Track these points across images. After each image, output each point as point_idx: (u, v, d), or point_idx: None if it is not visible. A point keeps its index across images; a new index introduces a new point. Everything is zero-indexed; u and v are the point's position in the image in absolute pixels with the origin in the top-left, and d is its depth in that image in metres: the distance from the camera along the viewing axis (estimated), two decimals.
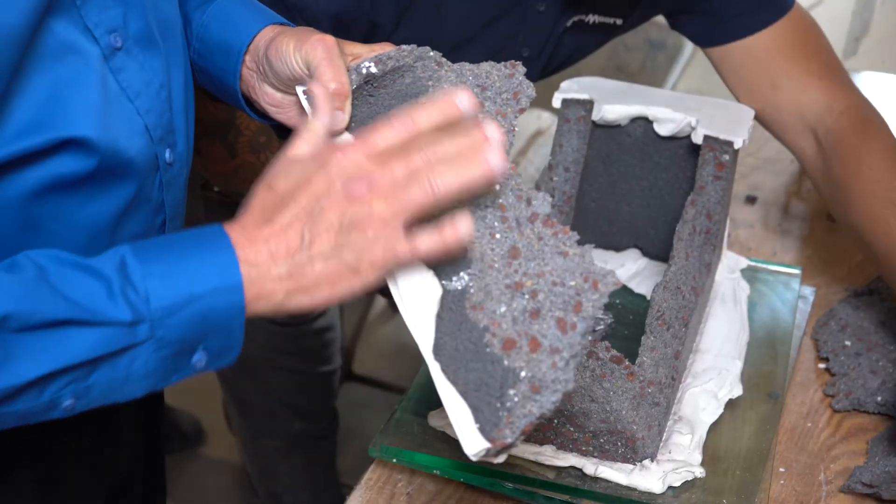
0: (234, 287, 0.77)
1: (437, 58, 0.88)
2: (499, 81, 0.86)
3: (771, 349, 1.22)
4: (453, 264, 0.80)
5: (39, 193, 0.86)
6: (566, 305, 0.77)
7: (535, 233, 0.81)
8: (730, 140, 1.20)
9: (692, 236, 1.18)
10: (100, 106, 0.87)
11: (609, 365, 1.03)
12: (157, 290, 0.76)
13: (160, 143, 0.95)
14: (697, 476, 1.04)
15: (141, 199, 0.94)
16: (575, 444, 1.05)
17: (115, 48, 0.89)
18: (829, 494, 1.09)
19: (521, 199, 0.82)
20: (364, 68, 0.88)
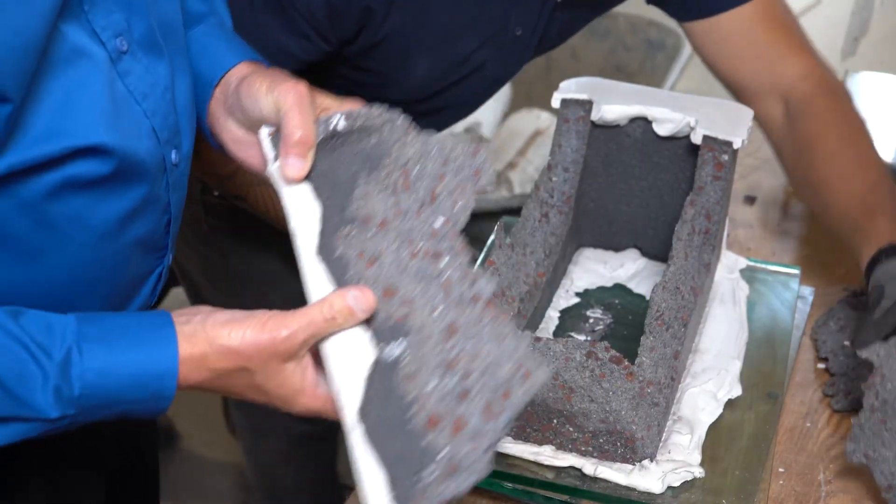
0: (163, 398, 0.83)
1: (405, 124, 0.88)
2: (462, 156, 0.87)
3: (770, 349, 1.22)
4: (391, 330, 0.81)
5: (55, 194, 0.87)
6: (496, 391, 0.77)
7: (476, 314, 0.81)
8: (729, 140, 1.20)
9: (691, 236, 1.18)
10: (110, 110, 0.88)
11: (608, 365, 1.03)
12: (90, 387, 0.81)
13: (167, 145, 0.96)
14: (697, 476, 1.04)
15: (150, 200, 0.95)
16: (574, 444, 1.05)
17: (121, 52, 0.90)
18: (828, 494, 1.09)
19: (466, 278, 0.82)
20: (332, 122, 0.88)
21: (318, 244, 0.85)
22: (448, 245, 0.84)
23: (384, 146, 0.88)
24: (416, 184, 0.86)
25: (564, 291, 1.28)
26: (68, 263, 0.91)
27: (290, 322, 0.83)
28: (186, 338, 0.84)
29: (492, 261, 1.11)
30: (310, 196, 0.86)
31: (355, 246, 0.85)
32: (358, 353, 0.81)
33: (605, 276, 1.31)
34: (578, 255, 1.34)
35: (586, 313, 1.26)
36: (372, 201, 0.86)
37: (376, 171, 0.87)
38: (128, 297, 1.00)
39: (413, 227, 0.85)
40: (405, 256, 0.84)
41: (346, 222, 0.86)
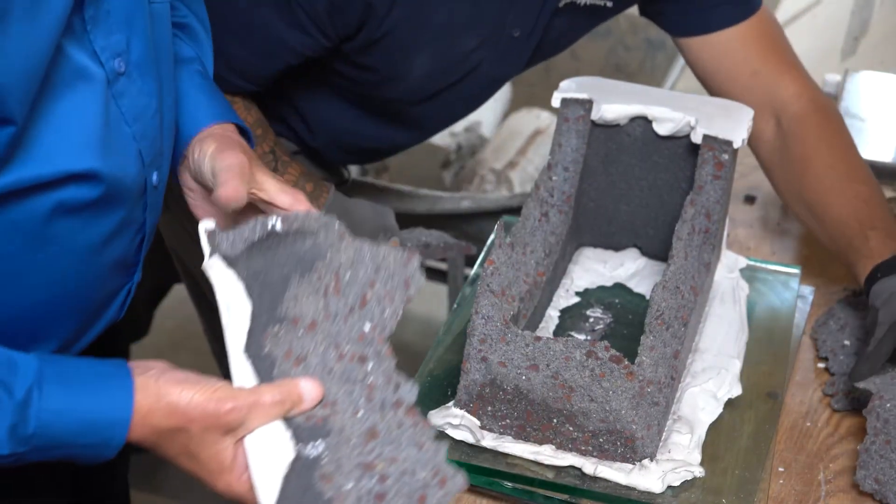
0: (110, 447, 0.85)
1: (340, 230, 0.90)
2: (394, 265, 0.89)
3: (770, 348, 1.22)
4: (312, 430, 0.83)
5: (46, 217, 0.88)
6: (411, 495, 0.80)
7: (397, 419, 0.83)
8: (729, 139, 1.20)
9: (691, 236, 1.18)
10: (103, 135, 0.89)
11: (608, 364, 1.03)
12: (44, 426, 0.82)
13: (150, 167, 0.96)
14: (696, 476, 1.04)
15: (128, 221, 0.96)
16: (574, 443, 1.05)
17: (118, 73, 0.91)
18: (828, 494, 1.09)
19: (390, 384, 0.85)
20: (269, 223, 0.90)
21: (245, 342, 0.87)
22: (374, 350, 0.87)
23: (318, 250, 0.89)
24: (347, 289, 0.88)
25: (564, 291, 1.28)
26: (49, 284, 0.92)
27: (238, 396, 0.85)
28: (139, 389, 0.85)
29: (491, 260, 1.11)
30: (242, 294, 0.88)
31: (283, 345, 0.87)
32: (278, 451, 0.83)
33: (605, 275, 1.31)
34: (578, 254, 1.34)
35: (586, 313, 1.26)
36: (302, 303, 0.88)
37: (309, 274, 0.89)
38: (97, 314, 1.01)
39: (341, 330, 0.87)
40: (331, 358, 0.87)
41: (276, 322, 0.88)
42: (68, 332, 0.98)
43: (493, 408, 1.07)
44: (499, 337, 1.06)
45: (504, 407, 1.06)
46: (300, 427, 0.84)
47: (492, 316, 1.07)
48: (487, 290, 1.09)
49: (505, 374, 1.05)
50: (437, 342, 1.20)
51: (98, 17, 0.88)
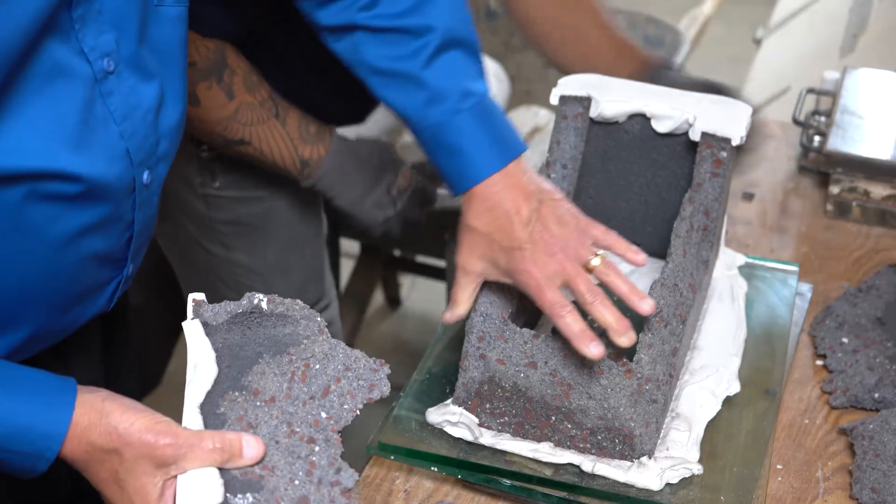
0: (42, 459, 0.85)
1: (321, 325, 0.94)
2: (363, 369, 0.93)
3: (768, 346, 1.22)
4: (245, 484, 0.86)
5: (18, 206, 0.87)
6: None
7: (331, 495, 0.86)
8: (727, 137, 1.20)
9: (690, 233, 1.18)
10: (80, 134, 0.89)
11: (607, 362, 1.03)
12: None
13: (140, 166, 0.96)
14: (695, 473, 1.04)
15: (113, 218, 0.96)
16: (572, 440, 1.05)
17: (107, 72, 0.91)
18: (826, 491, 1.09)
19: (332, 466, 0.88)
20: (256, 300, 0.93)
21: (203, 399, 0.90)
22: (325, 436, 0.89)
23: (296, 338, 0.93)
24: (313, 379, 0.92)
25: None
26: (21, 272, 0.92)
27: (178, 433, 0.86)
28: (81, 404, 0.86)
29: None
30: (211, 361, 0.91)
31: (237, 410, 0.90)
32: (207, 494, 0.85)
33: None
34: None
35: None
36: (267, 379, 0.91)
37: (280, 356, 0.92)
38: (81, 305, 1.01)
39: (297, 412, 0.90)
40: (282, 433, 0.89)
41: (237, 389, 0.91)
42: (46, 319, 0.97)
43: (491, 405, 1.07)
44: (497, 334, 1.06)
45: (502, 404, 1.06)
46: (234, 479, 0.86)
47: (490, 313, 1.07)
48: (486, 288, 1.09)
49: (503, 372, 1.05)
50: (436, 339, 1.21)
51: (87, 16, 0.88)
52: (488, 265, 1.08)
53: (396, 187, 1.50)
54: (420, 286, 2.94)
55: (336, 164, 1.45)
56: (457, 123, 1.08)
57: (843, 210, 1.53)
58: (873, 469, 1.09)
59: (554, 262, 1.04)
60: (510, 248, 1.06)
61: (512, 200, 1.06)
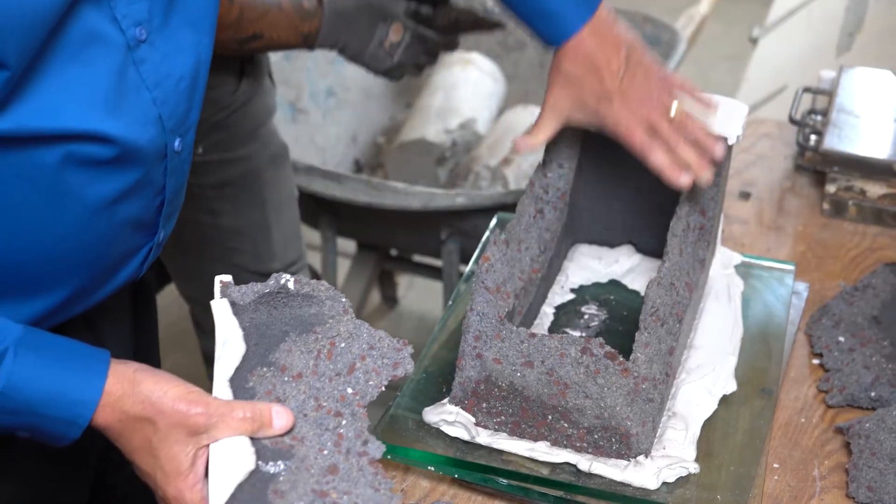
0: (74, 425, 0.87)
1: (346, 305, 0.96)
2: (387, 348, 0.94)
3: (765, 345, 1.22)
4: (276, 452, 0.87)
5: (56, 168, 0.90)
6: None
7: (359, 464, 0.88)
8: (724, 136, 1.20)
9: (686, 232, 1.18)
10: (115, 98, 0.91)
11: (603, 361, 1.03)
12: (12, 391, 0.84)
13: (172, 133, 0.98)
14: (691, 472, 1.04)
15: (145, 182, 0.97)
16: (569, 440, 1.05)
17: (139, 40, 0.93)
18: (823, 490, 1.09)
19: (359, 438, 0.89)
20: (283, 280, 0.95)
21: (232, 374, 0.92)
22: (351, 410, 0.91)
23: (321, 317, 0.95)
24: (338, 357, 0.94)
25: (559, 287, 1.28)
26: (58, 235, 0.93)
27: (210, 402, 0.87)
28: (114, 375, 0.88)
29: (487, 256, 1.11)
30: (239, 338, 0.93)
31: (266, 385, 0.92)
32: (239, 461, 0.86)
33: (600, 271, 1.31)
34: (573, 251, 1.34)
35: (581, 309, 1.26)
36: (294, 357, 0.93)
37: (306, 335, 0.95)
38: (114, 270, 1.02)
39: (324, 387, 0.92)
40: (309, 407, 0.91)
41: (265, 365, 0.93)
42: (80, 284, 0.99)
43: (488, 404, 1.07)
44: (494, 334, 1.06)
45: (499, 404, 1.06)
46: (265, 447, 0.88)
47: (487, 313, 1.07)
48: (482, 287, 1.09)
49: (500, 371, 1.05)
50: (432, 339, 1.21)
51: None
52: (575, 107, 1.18)
53: (388, 41, 1.58)
54: (417, 285, 2.94)
55: (330, 30, 1.55)
56: None
57: (839, 209, 1.53)
58: (869, 468, 1.09)
59: (642, 110, 1.15)
60: (600, 97, 1.16)
61: (603, 53, 1.15)
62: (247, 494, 0.84)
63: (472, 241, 2.01)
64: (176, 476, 0.87)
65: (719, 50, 4.38)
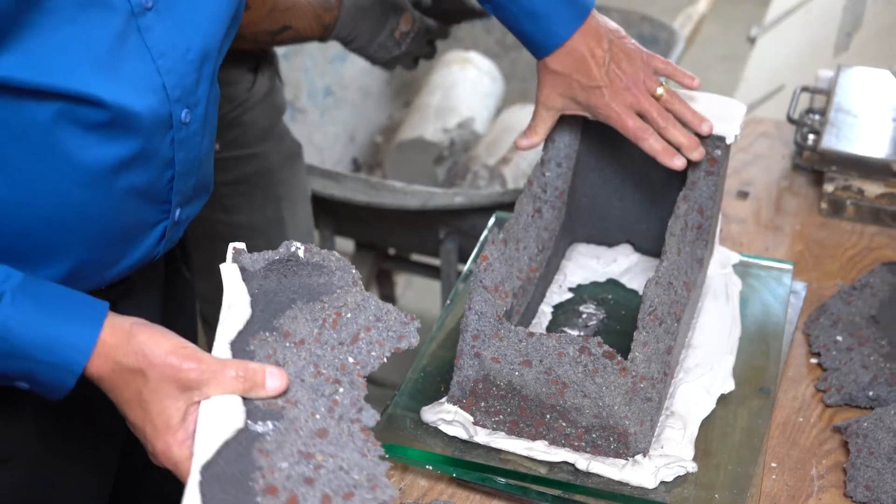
0: (69, 373, 0.87)
1: (355, 276, 0.96)
2: (393, 321, 0.95)
3: (763, 344, 1.22)
4: (266, 412, 0.87)
5: (51, 126, 0.90)
6: (339, 488, 0.82)
7: (349, 430, 0.87)
8: (721, 135, 1.21)
9: (684, 231, 1.18)
10: (110, 62, 0.91)
11: (601, 360, 1.03)
12: (7, 334, 0.85)
13: (177, 103, 0.98)
14: (689, 471, 1.04)
15: (149, 153, 0.97)
16: (567, 439, 1.05)
17: (145, 7, 0.93)
18: (821, 489, 1.09)
19: (354, 406, 0.89)
20: (293, 247, 0.96)
21: (234, 337, 0.92)
22: (350, 379, 0.91)
23: (329, 287, 0.95)
24: (343, 327, 0.93)
25: (557, 286, 1.28)
26: (56, 197, 0.94)
27: (203, 358, 0.87)
28: (111, 325, 0.88)
29: (485, 256, 1.11)
30: (245, 303, 0.93)
31: (267, 349, 0.92)
32: (228, 418, 0.86)
33: (598, 271, 1.31)
34: (571, 250, 1.34)
35: (579, 308, 1.26)
36: (298, 324, 0.93)
37: (313, 303, 0.94)
38: (125, 244, 1.02)
39: (325, 355, 0.92)
40: (308, 373, 0.91)
41: (268, 329, 0.93)
42: (87, 254, 0.99)
43: (486, 403, 1.07)
44: (492, 333, 1.06)
45: (497, 403, 1.06)
46: (257, 408, 0.87)
47: (485, 312, 1.07)
48: (480, 286, 1.09)
49: (498, 370, 1.05)
50: (430, 338, 1.20)
51: None
52: (568, 101, 1.23)
53: (399, 31, 1.61)
54: (415, 285, 2.94)
55: (346, 20, 1.58)
56: None
57: (837, 208, 1.53)
58: (867, 467, 1.09)
59: (629, 96, 1.19)
60: (589, 87, 1.20)
61: (587, 46, 1.20)
62: (232, 451, 0.84)
63: (471, 240, 2.01)
64: (165, 430, 0.87)
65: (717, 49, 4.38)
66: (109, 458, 1.15)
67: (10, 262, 0.93)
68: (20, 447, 1.05)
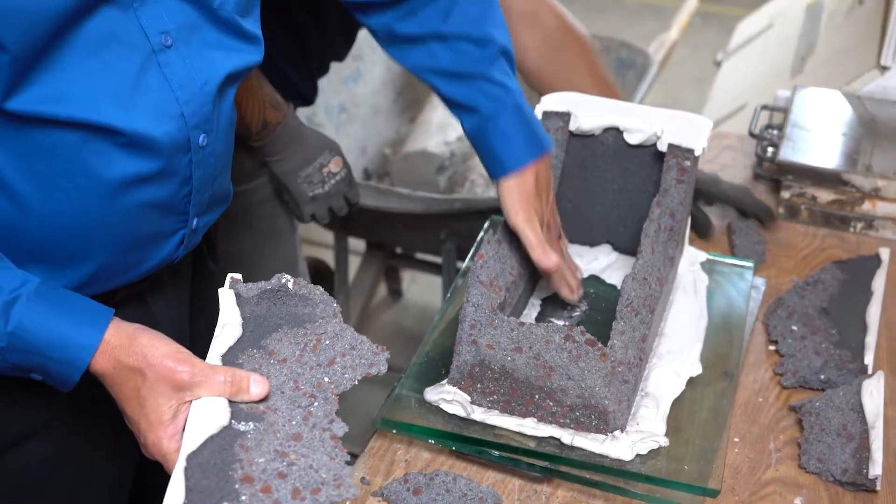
0: (75, 368, 0.88)
1: (336, 310, 0.96)
2: (366, 350, 0.95)
3: (727, 333, 1.22)
4: (248, 414, 0.88)
5: (76, 149, 0.90)
6: (308, 484, 0.83)
7: (321, 437, 0.87)
8: (691, 148, 1.21)
9: (657, 233, 1.18)
10: (129, 95, 0.90)
11: (584, 347, 1.03)
12: (22, 331, 0.86)
13: (195, 129, 0.97)
14: (662, 445, 1.04)
15: (167, 171, 0.97)
16: (553, 416, 1.05)
17: (164, 45, 0.92)
18: (778, 461, 1.09)
19: (327, 418, 0.89)
20: (283, 279, 0.96)
21: (225, 352, 0.92)
22: (324, 396, 0.91)
23: (313, 317, 0.96)
24: (322, 352, 0.94)
25: (545, 282, 1.28)
26: (81, 207, 0.94)
27: (195, 363, 0.87)
28: (115, 328, 0.88)
29: (481, 254, 1.11)
30: (237, 324, 0.94)
31: (253, 364, 0.92)
32: (215, 416, 0.87)
33: (582, 267, 1.31)
34: None
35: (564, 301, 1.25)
36: (283, 345, 0.94)
37: (297, 329, 0.95)
38: (147, 249, 1.02)
39: (304, 373, 0.92)
40: (288, 387, 0.91)
41: (255, 347, 0.93)
42: (109, 258, 0.99)
43: (482, 385, 1.07)
44: (487, 322, 1.06)
45: (492, 384, 1.06)
46: (240, 410, 0.88)
47: (481, 304, 1.07)
48: (477, 281, 1.09)
49: (492, 356, 1.05)
50: (433, 327, 1.20)
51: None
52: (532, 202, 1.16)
53: (328, 169, 1.53)
54: (419, 280, 2.94)
55: (285, 133, 1.49)
56: (505, 118, 1.15)
57: (793, 213, 1.53)
58: (819, 442, 1.09)
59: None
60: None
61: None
62: (216, 444, 0.85)
63: (468, 240, 2.01)
64: (157, 425, 0.87)
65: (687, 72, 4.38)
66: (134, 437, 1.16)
67: (39, 265, 0.94)
68: (48, 423, 1.05)
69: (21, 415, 1.03)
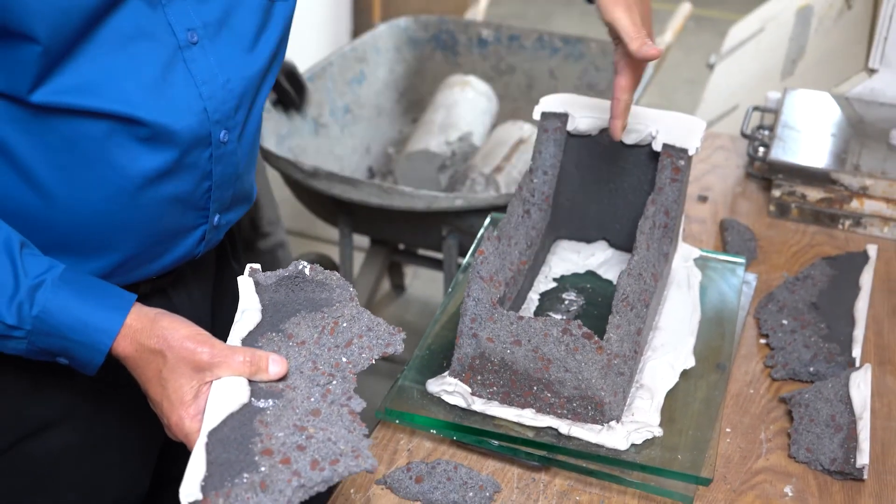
0: (97, 351, 0.88)
1: (352, 294, 0.97)
2: (383, 332, 0.95)
3: (719, 327, 1.22)
4: (268, 392, 0.88)
5: (102, 141, 0.90)
6: (327, 456, 0.83)
7: (339, 412, 0.87)
8: (685, 148, 1.20)
9: (652, 230, 1.18)
10: (155, 88, 0.90)
11: (581, 340, 1.03)
12: (46, 315, 0.86)
13: (217, 125, 0.97)
14: (656, 435, 1.04)
15: (188, 165, 0.97)
16: (551, 407, 1.05)
17: (190, 42, 0.92)
18: (768, 451, 1.09)
19: (345, 395, 0.89)
20: (300, 266, 0.96)
21: (245, 336, 0.92)
22: (342, 375, 0.91)
23: (330, 301, 0.96)
24: (339, 334, 0.94)
25: (543, 277, 1.28)
26: (107, 200, 0.94)
27: (215, 344, 0.87)
28: (137, 312, 0.88)
29: (481, 250, 1.11)
30: (257, 310, 0.94)
31: (272, 346, 0.92)
32: (235, 394, 0.86)
33: (579, 263, 1.31)
34: (555, 245, 1.34)
35: (562, 296, 1.25)
36: (301, 328, 0.94)
37: (314, 313, 0.95)
38: (168, 243, 1.02)
39: (322, 354, 0.92)
40: (307, 368, 0.91)
41: (274, 331, 0.93)
42: (133, 250, 0.99)
43: (482, 377, 1.07)
44: (487, 316, 1.06)
45: (491, 376, 1.06)
46: (260, 388, 0.88)
47: (481, 298, 1.07)
48: (478, 277, 1.09)
49: (492, 349, 1.05)
50: (435, 321, 1.20)
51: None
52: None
53: None
54: (421, 275, 2.94)
55: None
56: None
57: (783, 211, 1.53)
58: (808, 432, 1.09)
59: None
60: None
61: None
62: (236, 421, 0.85)
63: (469, 237, 2.01)
64: (179, 405, 0.87)
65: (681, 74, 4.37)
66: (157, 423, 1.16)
67: (63, 255, 0.94)
68: (71, 410, 1.05)
69: (45, 401, 1.03)
